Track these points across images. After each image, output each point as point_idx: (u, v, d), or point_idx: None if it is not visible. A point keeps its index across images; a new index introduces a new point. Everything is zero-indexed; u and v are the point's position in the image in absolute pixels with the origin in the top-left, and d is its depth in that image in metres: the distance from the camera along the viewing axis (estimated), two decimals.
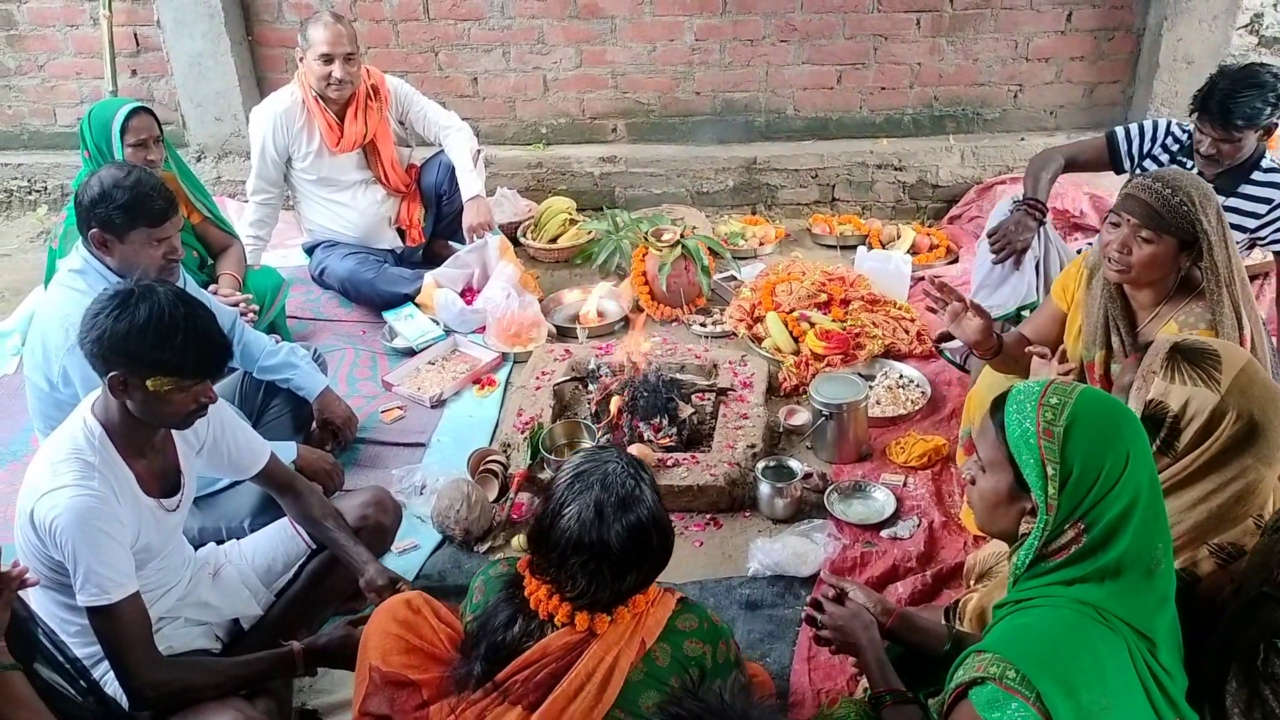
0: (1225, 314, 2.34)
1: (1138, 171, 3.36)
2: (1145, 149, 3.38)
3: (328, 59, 3.84)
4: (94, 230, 2.65)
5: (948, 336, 3.68)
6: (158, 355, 2.05)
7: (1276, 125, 3.10)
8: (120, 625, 2.07)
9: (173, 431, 2.29)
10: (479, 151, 4.26)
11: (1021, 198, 3.47)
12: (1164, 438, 1.85)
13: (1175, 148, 3.31)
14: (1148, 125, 3.39)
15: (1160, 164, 3.34)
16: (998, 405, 1.72)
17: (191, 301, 2.13)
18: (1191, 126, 3.20)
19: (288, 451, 2.89)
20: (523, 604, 1.89)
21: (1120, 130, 3.43)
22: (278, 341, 3.30)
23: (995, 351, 2.72)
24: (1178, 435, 1.86)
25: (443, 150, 4.26)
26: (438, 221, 4.41)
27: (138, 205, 2.64)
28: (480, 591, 1.99)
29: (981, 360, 2.83)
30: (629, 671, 1.82)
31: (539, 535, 1.86)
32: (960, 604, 2.28)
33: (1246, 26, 6.74)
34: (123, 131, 3.22)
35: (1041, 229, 3.45)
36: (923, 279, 3.86)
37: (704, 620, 1.93)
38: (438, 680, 1.93)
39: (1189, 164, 3.24)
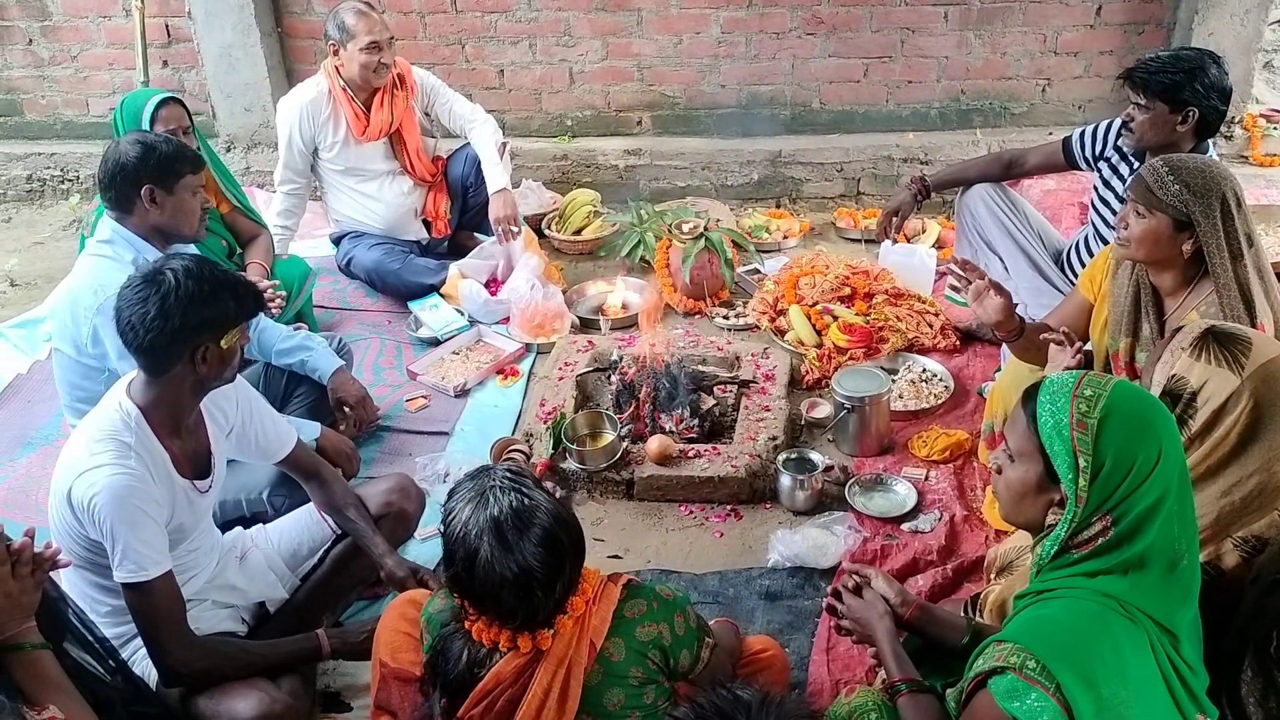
0: (1231, 299, 2.32)
1: (1099, 168, 3.40)
2: (1098, 150, 3.38)
3: (375, 46, 3.86)
4: (146, 187, 2.74)
5: (970, 334, 3.73)
6: (222, 312, 2.14)
7: (1195, 116, 3.02)
8: (155, 602, 2.11)
9: (204, 414, 2.33)
10: (505, 144, 4.28)
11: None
12: (1179, 414, 1.85)
13: (1126, 147, 3.28)
14: (1101, 127, 3.38)
15: (1111, 163, 3.34)
16: (1029, 395, 1.71)
17: (199, 260, 2.21)
18: None
19: (311, 430, 2.93)
20: (469, 635, 1.86)
21: (1076, 134, 3.46)
22: (297, 329, 3.34)
23: (1018, 333, 2.72)
24: (1193, 414, 1.86)
25: (469, 143, 4.29)
26: (463, 213, 4.43)
27: (180, 154, 2.80)
28: (427, 632, 1.95)
29: (1003, 341, 2.80)
30: (585, 676, 1.80)
31: (462, 586, 1.80)
32: (981, 597, 2.28)
33: (1279, 21, 6.66)
34: (153, 121, 3.26)
35: (1015, 220, 3.58)
36: (945, 273, 3.87)
37: (652, 600, 1.89)
38: None
39: (1136, 165, 3.24)
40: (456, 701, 1.84)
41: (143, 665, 2.23)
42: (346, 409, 3.23)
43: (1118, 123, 3.32)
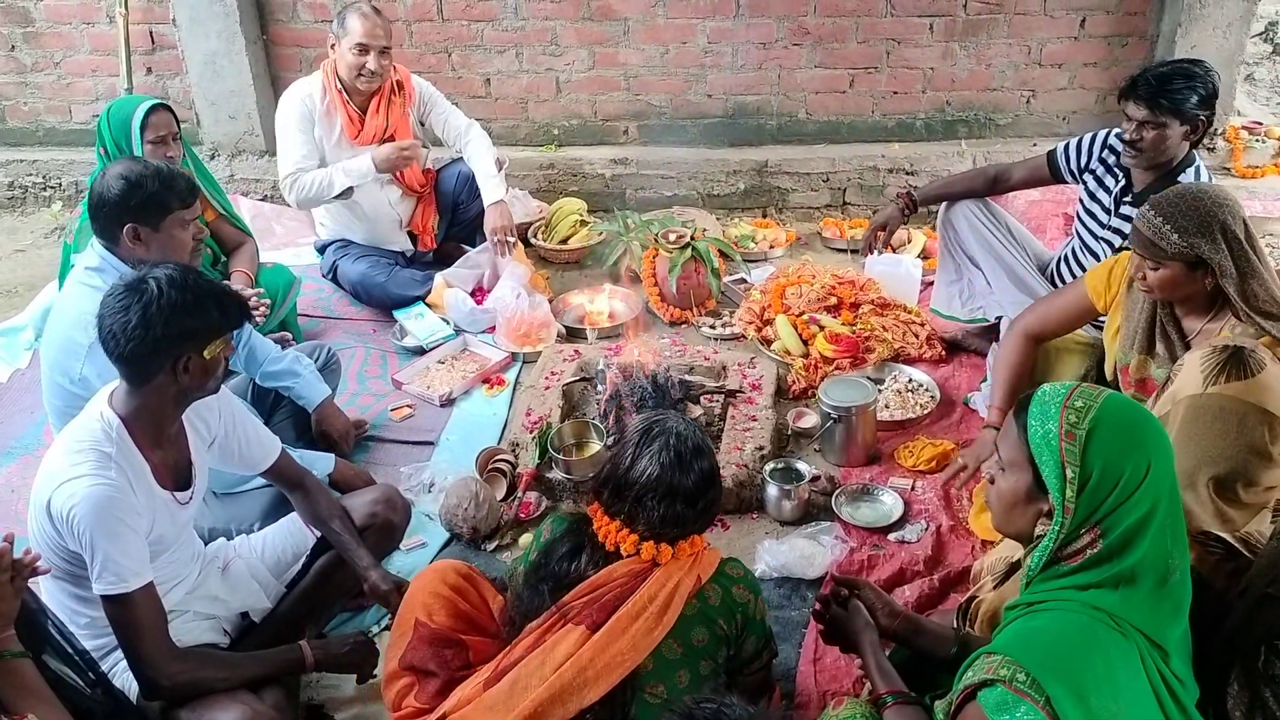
0: (1255, 312, 2.32)
1: (1084, 180, 3.39)
2: (1083, 163, 3.38)
3: (363, 49, 3.82)
4: (129, 225, 2.63)
5: (956, 344, 3.76)
6: (206, 322, 2.12)
7: (1202, 126, 3.04)
8: (136, 614, 2.08)
9: (186, 425, 2.31)
10: (501, 161, 4.27)
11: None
12: (1163, 385, 2.06)
13: (1111, 159, 3.28)
14: (1085, 139, 3.38)
15: (1097, 175, 3.33)
16: (1022, 406, 1.72)
17: (183, 269, 2.18)
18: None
19: (325, 464, 2.94)
20: (589, 538, 2.07)
21: (1060, 147, 3.45)
22: (290, 341, 3.31)
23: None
24: (1163, 393, 2.06)
25: (461, 159, 4.27)
26: (451, 227, 4.41)
27: (169, 189, 2.66)
28: (548, 530, 2.17)
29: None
30: (685, 605, 1.99)
31: (615, 481, 2.04)
32: (973, 606, 2.28)
33: (1261, 34, 6.74)
34: (142, 128, 3.24)
35: (999, 235, 3.55)
36: (931, 284, 3.90)
37: (748, 573, 2.15)
38: (481, 644, 2.10)
39: (1120, 176, 3.23)
40: (557, 595, 2.02)
41: (123, 678, 2.20)
42: (330, 442, 3.21)
43: (1102, 135, 3.33)
